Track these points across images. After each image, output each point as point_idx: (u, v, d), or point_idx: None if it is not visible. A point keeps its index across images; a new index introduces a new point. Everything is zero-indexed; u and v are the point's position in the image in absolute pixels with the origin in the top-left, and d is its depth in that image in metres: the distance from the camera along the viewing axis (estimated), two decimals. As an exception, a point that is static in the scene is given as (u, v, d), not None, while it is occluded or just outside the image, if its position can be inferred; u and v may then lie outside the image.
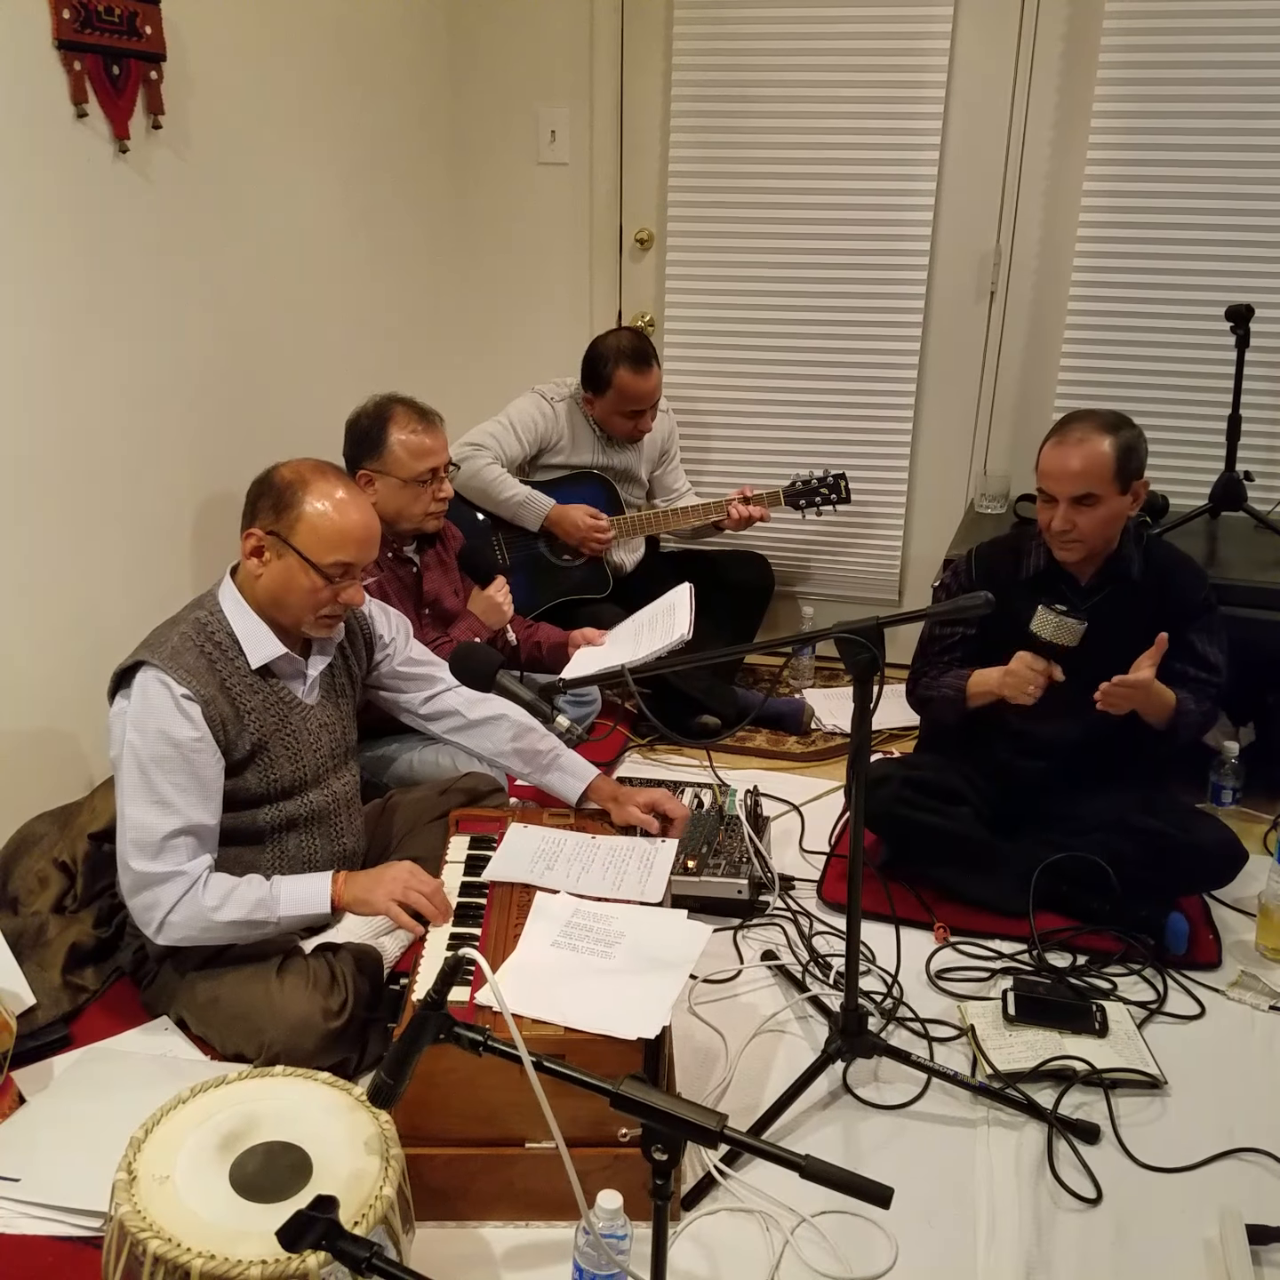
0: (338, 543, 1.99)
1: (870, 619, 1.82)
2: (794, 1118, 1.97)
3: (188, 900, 1.93)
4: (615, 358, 3.27)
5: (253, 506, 2.04)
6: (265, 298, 3.04)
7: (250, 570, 2.03)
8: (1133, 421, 2.44)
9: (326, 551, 1.99)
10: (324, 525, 1.99)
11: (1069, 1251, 1.74)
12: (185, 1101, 1.58)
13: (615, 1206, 1.52)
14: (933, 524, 3.80)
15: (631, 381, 3.28)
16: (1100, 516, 2.40)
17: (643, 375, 3.28)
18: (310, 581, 2.00)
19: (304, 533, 1.99)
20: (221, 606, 2.04)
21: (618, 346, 3.29)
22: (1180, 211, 3.30)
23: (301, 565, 1.99)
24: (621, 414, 3.35)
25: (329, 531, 1.99)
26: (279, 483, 2.02)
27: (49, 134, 2.35)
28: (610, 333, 3.39)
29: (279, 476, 2.03)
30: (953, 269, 3.60)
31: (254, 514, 2.03)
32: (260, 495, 2.03)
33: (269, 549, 2.00)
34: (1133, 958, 2.36)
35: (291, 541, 1.99)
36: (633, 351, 3.28)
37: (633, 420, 3.37)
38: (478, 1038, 1.37)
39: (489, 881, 2.06)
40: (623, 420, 3.36)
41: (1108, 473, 2.37)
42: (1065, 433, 2.41)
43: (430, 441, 2.65)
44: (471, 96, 3.77)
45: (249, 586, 2.05)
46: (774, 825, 2.83)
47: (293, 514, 1.99)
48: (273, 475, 2.04)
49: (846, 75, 3.46)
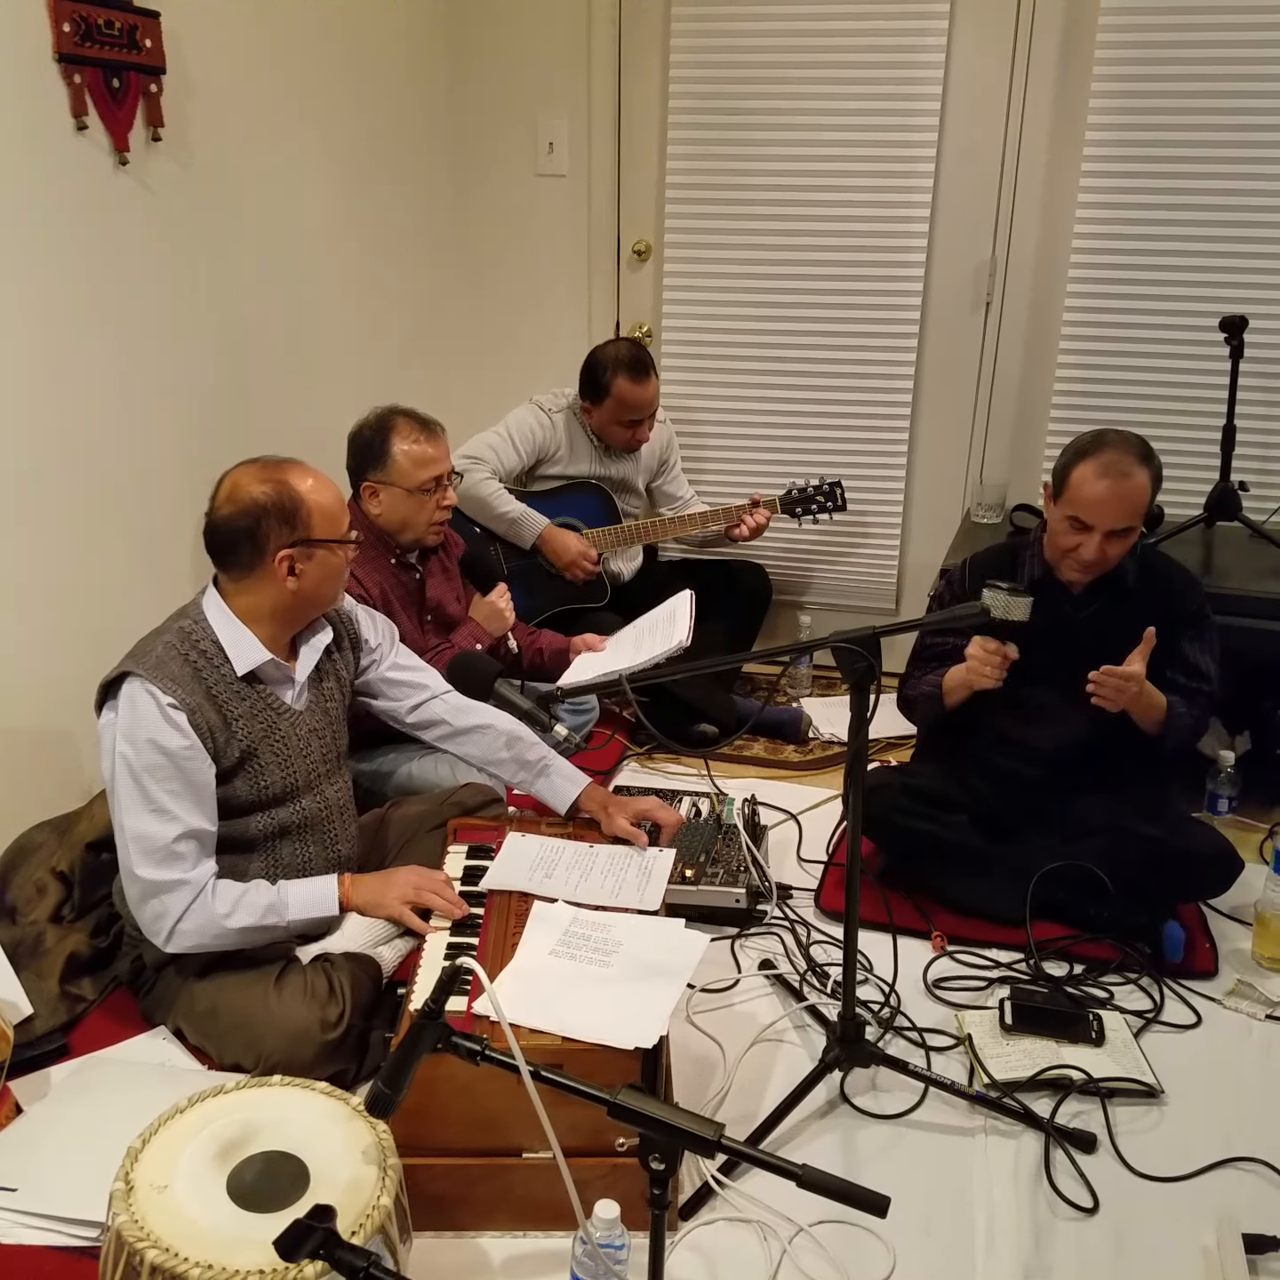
0: (339, 515, 2.05)
1: (867, 628, 1.82)
2: (791, 1127, 1.97)
3: (197, 908, 1.93)
4: (613, 367, 3.28)
5: (265, 536, 1.98)
6: (265, 307, 3.05)
7: (288, 588, 2.01)
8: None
9: (334, 527, 2.04)
10: (326, 501, 2.03)
11: (1066, 1260, 1.74)
12: (183, 1111, 1.58)
13: (613, 1216, 1.52)
14: (929, 533, 3.81)
15: (630, 391, 3.30)
16: (1127, 545, 2.41)
17: (641, 384, 3.30)
18: (334, 554, 2.05)
19: (319, 522, 2.01)
20: (206, 615, 2.03)
21: (616, 356, 3.30)
22: (1175, 223, 3.32)
23: (328, 551, 2.04)
24: (619, 423, 3.36)
25: (333, 506, 2.04)
26: (269, 503, 1.97)
27: (49, 146, 2.36)
28: (609, 342, 3.40)
29: (262, 498, 1.97)
30: (949, 279, 3.61)
31: (266, 540, 1.98)
32: (258, 524, 1.97)
33: (298, 560, 2.01)
34: (1129, 966, 2.37)
35: (313, 536, 2.00)
36: (631, 361, 3.29)
37: (630, 430, 3.38)
38: (475, 1047, 1.38)
39: (487, 890, 2.07)
40: (620, 430, 3.38)
41: (1144, 505, 2.37)
42: (1107, 463, 2.34)
43: (433, 450, 2.66)
44: (470, 108, 3.78)
45: (233, 595, 2.03)
46: (772, 834, 2.84)
47: (301, 512, 1.99)
48: (256, 502, 1.97)
49: (843, 89, 3.48)
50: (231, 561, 2.01)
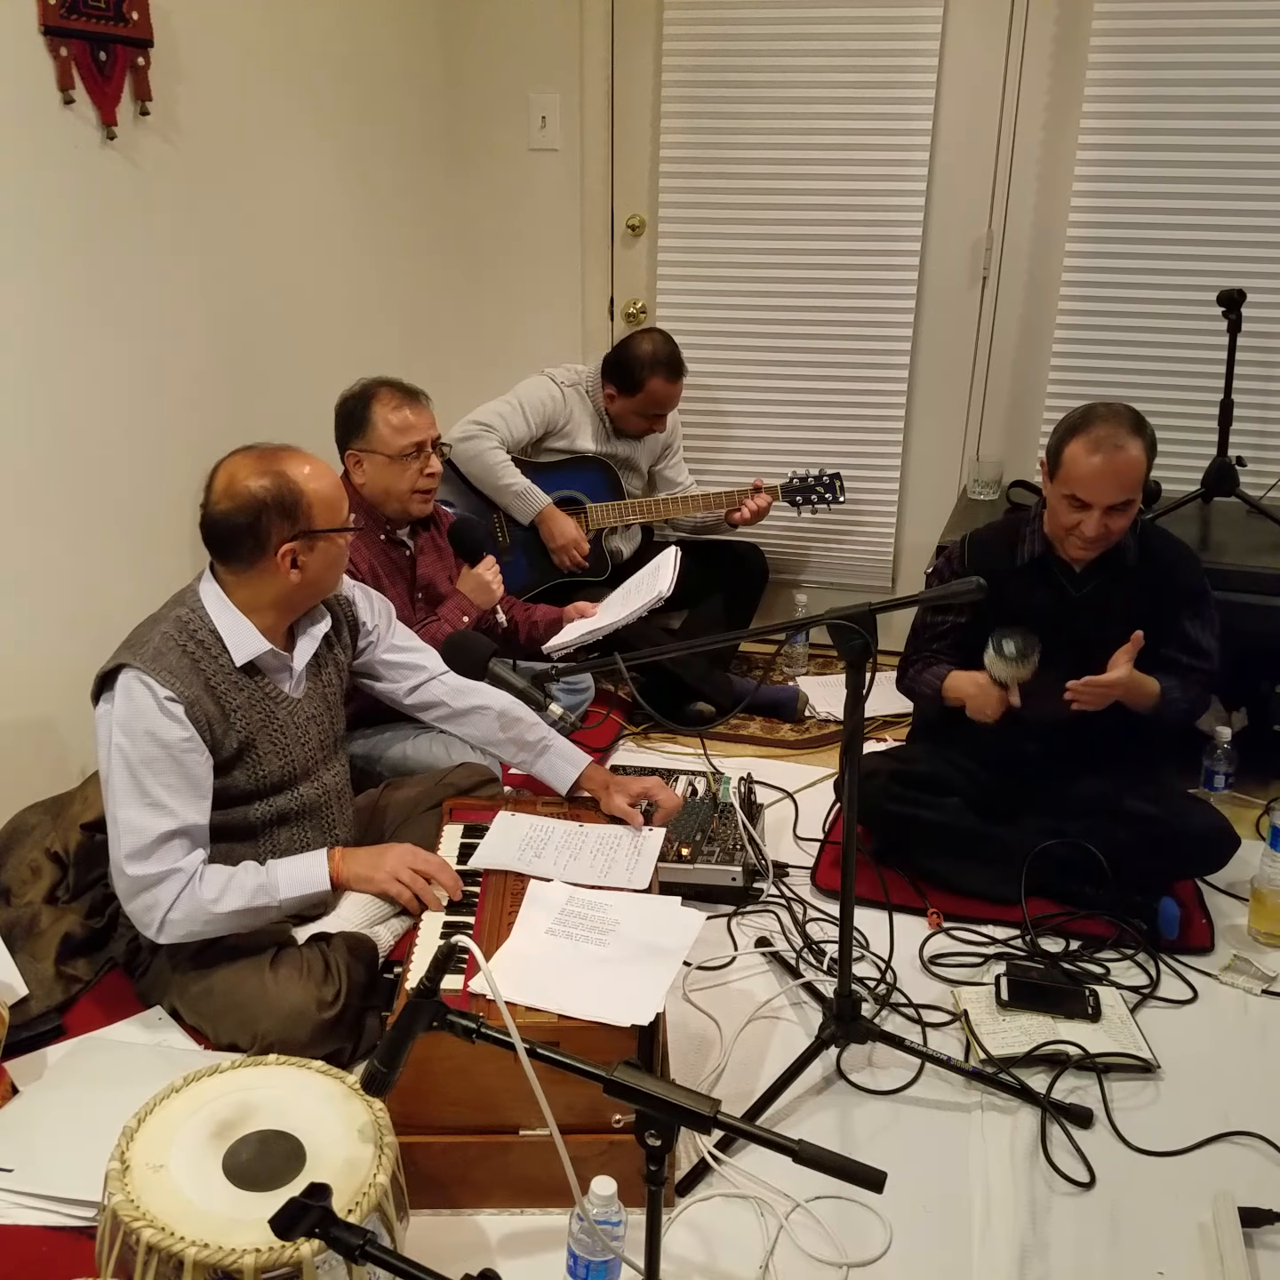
0: (339, 501, 2.04)
1: (863, 605, 1.81)
2: (788, 1103, 1.97)
3: (186, 896, 1.91)
4: (651, 365, 3.31)
5: (266, 531, 1.95)
6: (256, 283, 3.02)
7: (291, 580, 2.00)
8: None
9: (335, 516, 2.02)
10: (326, 489, 2.01)
11: (1063, 1235, 1.74)
12: (178, 1090, 1.58)
13: (610, 1193, 1.52)
14: (926, 511, 3.79)
15: (664, 390, 3.35)
16: (1129, 517, 2.39)
17: (675, 384, 3.37)
18: (333, 544, 2.04)
19: (320, 513, 1.99)
20: (203, 603, 2.01)
21: (654, 354, 3.32)
22: (1172, 196, 3.30)
23: (328, 540, 2.02)
24: (643, 415, 3.41)
25: (332, 494, 2.02)
26: (269, 498, 1.94)
27: (35, 120, 2.34)
28: (644, 335, 3.39)
29: (261, 492, 1.94)
30: (945, 255, 3.59)
31: (268, 535, 1.95)
32: (259, 520, 1.94)
33: (300, 552, 1.99)
34: (1125, 942, 2.37)
35: (315, 528, 1.99)
36: (669, 360, 3.34)
37: (650, 421, 3.44)
38: (471, 1025, 1.37)
39: (481, 869, 2.06)
40: (640, 420, 3.43)
41: (1142, 477, 2.35)
42: (1099, 438, 2.31)
43: (414, 417, 2.65)
44: (462, 82, 3.75)
45: (233, 587, 2.01)
46: (768, 812, 2.84)
47: (303, 504, 1.97)
48: (256, 497, 1.94)
49: (838, 61, 3.45)
50: (231, 555, 1.99)
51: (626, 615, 2.60)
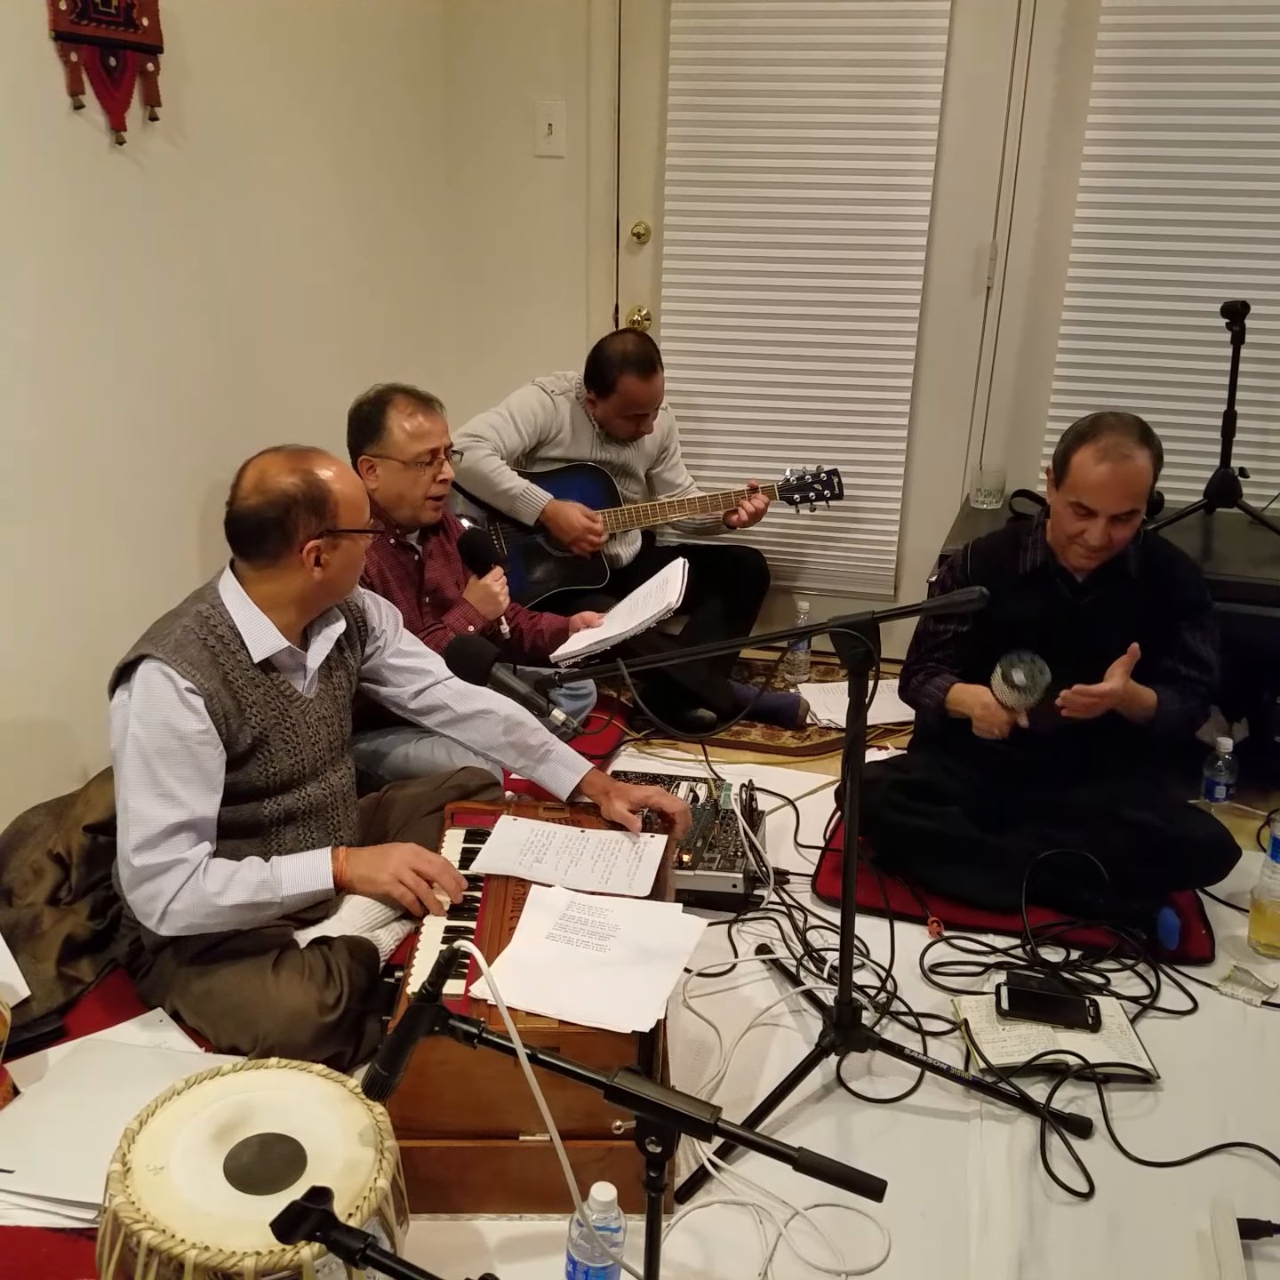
0: (362, 503, 2.08)
1: (865, 613, 1.82)
2: (788, 1111, 1.97)
3: (189, 888, 1.92)
4: (621, 364, 3.29)
5: (294, 526, 1.98)
6: (262, 287, 3.03)
7: (313, 577, 2.03)
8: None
9: (358, 517, 2.06)
10: (351, 490, 2.05)
11: (1061, 1245, 1.74)
12: (180, 1093, 1.59)
13: (609, 1199, 1.52)
14: (928, 519, 3.80)
15: (637, 388, 3.31)
16: (1133, 528, 2.40)
17: (648, 382, 3.32)
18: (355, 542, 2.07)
19: (345, 513, 2.03)
20: (223, 599, 2.03)
21: (624, 352, 3.30)
22: (1176, 208, 3.31)
23: (351, 540, 2.05)
24: (624, 417, 3.38)
25: (357, 496, 2.06)
26: (299, 494, 1.98)
27: (46, 125, 2.35)
28: (615, 336, 3.39)
29: (291, 488, 1.98)
30: (949, 264, 3.60)
31: (295, 530, 1.98)
32: (288, 514, 1.98)
33: (324, 550, 2.01)
34: (1125, 952, 2.37)
35: (339, 526, 2.02)
36: (639, 358, 3.30)
37: (635, 422, 3.41)
38: (472, 1030, 1.38)
39: (482, 874, 2.07)
40: (625, 422, 3.40)
41: (1147, 487, 2.36)
42: (1106, 447, 2.32)
43: (429, 424, 2.66)
44: (468, 89, 3.76)
45: (254, 583, 2.04)
46: (769, 819, 2.84)
47: (330, 502, 2.00)
48: (286, 493, 1.98)
49: (844, 69, 3.46)
50: (256, 551, 2.02)
51: (634, 626, 2.59)
